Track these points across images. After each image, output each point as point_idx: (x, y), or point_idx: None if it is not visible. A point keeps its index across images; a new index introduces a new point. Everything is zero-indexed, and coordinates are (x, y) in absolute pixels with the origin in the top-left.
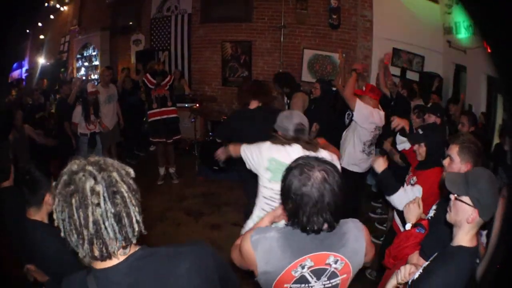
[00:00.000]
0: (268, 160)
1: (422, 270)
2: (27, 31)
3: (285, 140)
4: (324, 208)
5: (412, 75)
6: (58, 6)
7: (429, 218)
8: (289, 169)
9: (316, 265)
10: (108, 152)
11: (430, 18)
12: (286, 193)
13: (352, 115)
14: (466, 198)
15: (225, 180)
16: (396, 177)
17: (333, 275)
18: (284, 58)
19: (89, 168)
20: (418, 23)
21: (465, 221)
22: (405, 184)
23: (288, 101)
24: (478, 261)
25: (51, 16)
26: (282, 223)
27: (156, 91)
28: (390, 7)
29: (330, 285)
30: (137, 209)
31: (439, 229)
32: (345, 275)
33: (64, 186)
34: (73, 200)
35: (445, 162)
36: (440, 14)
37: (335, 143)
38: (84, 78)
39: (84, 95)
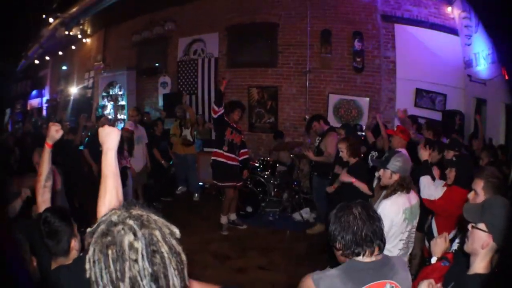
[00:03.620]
0: (403, 213)
1: None
2: (47, 58)
3: (405, 185)
4: (371, 232)
5: (435, 115)
6: (80, 37)
7: (453, 251)
8: (333, 214)
9: None
10: (135, 194)
11: (451, 53)
12: (335, 233)
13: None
14: (481, 225)
15: (251, 225)
16: None
17: None
18: (309, 104)
19: (130, 222)
20: (439, 60)
21: (480, 248)
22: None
23: (320, 138)
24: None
25: (73, 47)
26: None
27: (233, 135)
28: (412, 46)
29: None
30: (176, 272)
31: (462, 261)
32: None
33: (101, 236)
34: (110, 252)
35: (470, 195)
36: (460, 47)
37: None
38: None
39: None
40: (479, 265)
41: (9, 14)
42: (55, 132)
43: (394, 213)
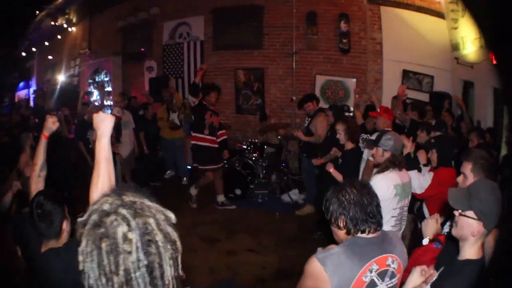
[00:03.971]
0: (394, 189)
1: (430, 286)
2: (34, 49)
3: (397, 163)
4: (374, 208)
5: (422, 96)
6: (65, 26)
7: (445, 233)
8: (331, 193)
9: (380, 267)
10: (123, 179)
11: (438, 36)
12: (339, 211)
13: (368, 139)
14: (470, 213)
15: (240, 207)
16: None
17: (393, 275)
18: (296, 85)
19: (123, 211)
20: (426, 42)
21: (470, 235)
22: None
23: (309, 119)
24: None
25: (59, 36)
26: None
27: (212, 117)
28: (399, 28)
29: (391, 284)
30: (171, 261)
31: (452, 244)
32: (399, 274)
33: (93, 227)
34: (103, 245)
35: (459, 179)
36: (447, 30)
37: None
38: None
39: None
40: (470, 250)
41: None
42: (51, 123)
43: (385, 187)
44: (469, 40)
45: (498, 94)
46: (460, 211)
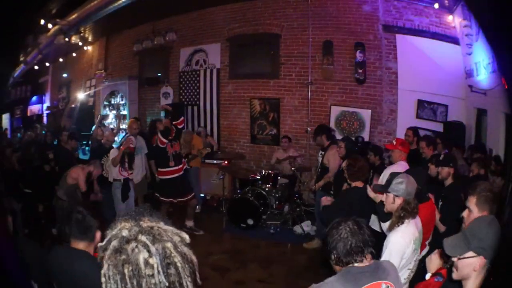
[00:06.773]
0: (413, 243)
1: None
2: (47, 64)
3: (410, 209)
4: (361, 242)
5: (436, 126)
6: (80, 44)
7: (448, 266)
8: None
9: None
10: (136, 204)
11: (453, 63)
12: (330, 247)
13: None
14: (469, 253)
15: (252, 238)
16: None
17: None
18: (311, 116)
19: (143, 238)
20: (441, 70)
21: (472, 271)
22: None
23: (322, 153)
24: None
25: (73, 54)
26: None
27: (173, 147)
28: (414, 57)
29: None
30: (189, 278)
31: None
32: None
33: (115, 253)
34: (126, 270)
35: (465, 214)
36: (462, 56)
37: None
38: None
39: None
40: (474, 283)
41: (2, 18)
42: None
43: (405, 245)
44: (482, 65)
45: (510, 120)
46: (458, 256)
